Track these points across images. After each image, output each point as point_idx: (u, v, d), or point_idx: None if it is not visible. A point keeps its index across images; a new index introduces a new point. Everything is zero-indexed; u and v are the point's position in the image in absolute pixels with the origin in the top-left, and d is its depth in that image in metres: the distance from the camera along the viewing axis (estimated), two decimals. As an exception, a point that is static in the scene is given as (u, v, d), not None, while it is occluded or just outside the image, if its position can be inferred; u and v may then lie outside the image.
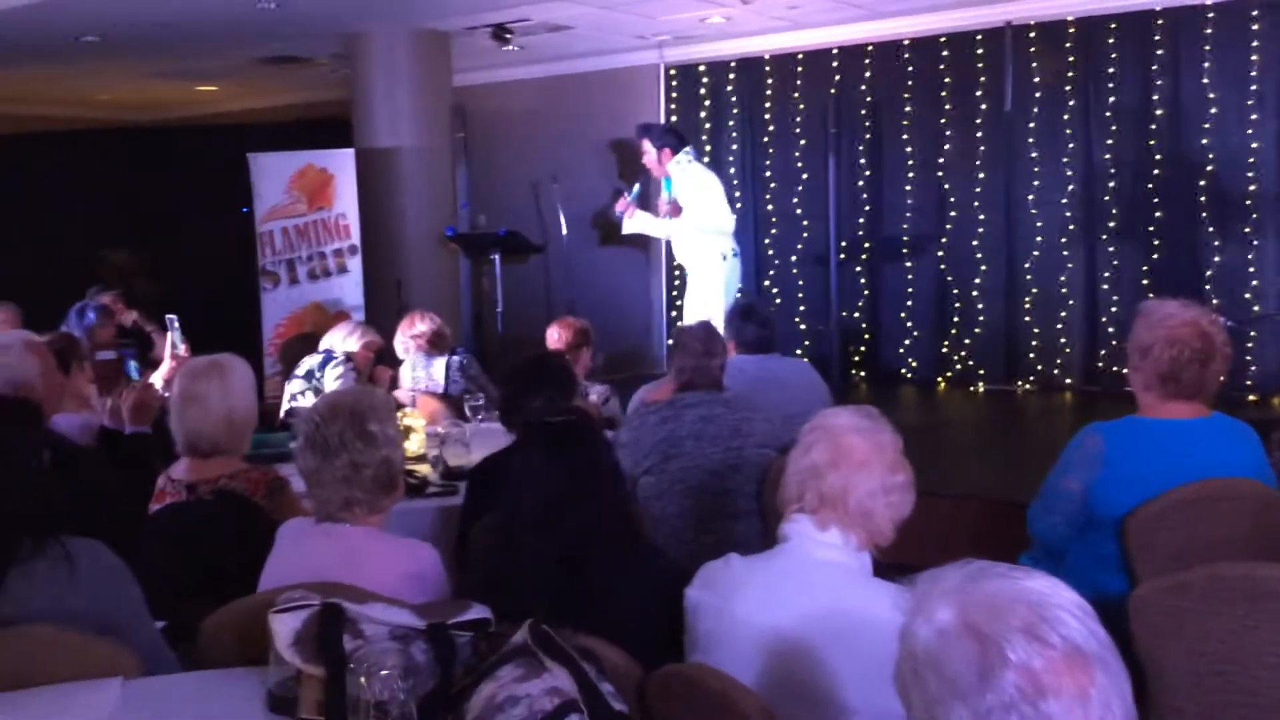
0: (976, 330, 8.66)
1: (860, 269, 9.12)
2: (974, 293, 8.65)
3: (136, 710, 2.10)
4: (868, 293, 9.13)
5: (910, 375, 8.96)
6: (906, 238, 8.93)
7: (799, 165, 9.30)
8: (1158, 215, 7.96)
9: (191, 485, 3.13)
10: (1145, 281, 7.97)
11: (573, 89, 10.22)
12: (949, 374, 8.78)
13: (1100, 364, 8.20)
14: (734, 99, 9.64)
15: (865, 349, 9.16)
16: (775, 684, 2.11)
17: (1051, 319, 8.36)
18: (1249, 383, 7.51)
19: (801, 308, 9.34)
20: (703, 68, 9.73)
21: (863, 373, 9.16)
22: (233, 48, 9.18)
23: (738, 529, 3.73)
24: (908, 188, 8.90)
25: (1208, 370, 3.01)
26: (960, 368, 8.73)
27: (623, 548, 2.48)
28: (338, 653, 1.96)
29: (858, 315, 9.13)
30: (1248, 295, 7.66)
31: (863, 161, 9.06)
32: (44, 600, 2.23)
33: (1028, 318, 8.45)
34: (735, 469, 3.77)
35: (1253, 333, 7.55)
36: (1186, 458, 2.99)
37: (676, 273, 9.29)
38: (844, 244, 8.96)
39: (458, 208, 9.59)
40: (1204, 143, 7.76)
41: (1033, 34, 8.24)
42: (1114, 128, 8.08)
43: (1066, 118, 8.20)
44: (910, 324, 8.96)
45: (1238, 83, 7.63)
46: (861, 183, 9.06)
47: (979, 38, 8.46)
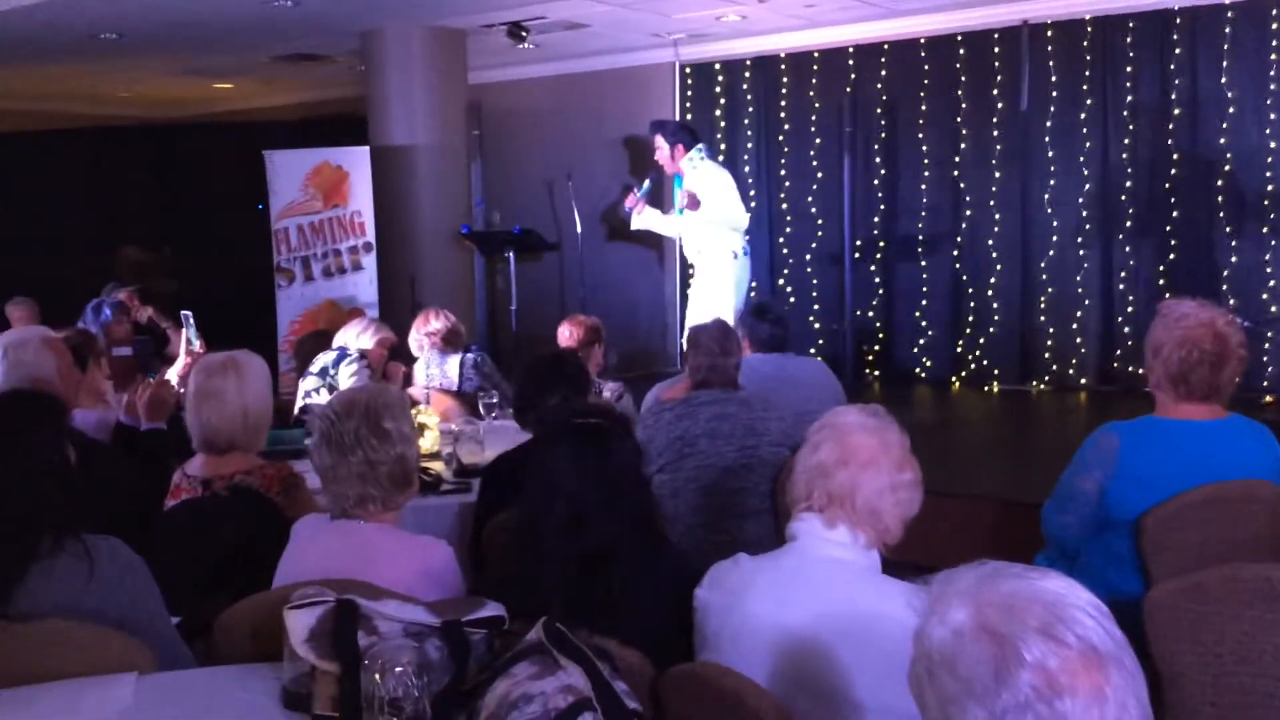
0: (991, 330, 8.63)
1: (875, 268, 9.10)
2: (989, 292, 8.62)
3: (151, 705, 2.11)
4: (882, 292, 9.11)
5: (925, 375, 8.94)
6: (922, 237, 8.91)
7: (814, 164, 9.29)
8: (1174, 215, 7.93)
9: (207, 481, 3.14)
10: (1161, 281, 7.94)
11: (588, 87, 10.22)
12: (963, 373, 8.75)
13: (1115, 364, 8.17)
14: (749, 97, 9.62)
15: (879, 348, 9.14)
16: (786, 682, 2.11)
17: (1067, 318, 8.32)
18: (1265, 383, 7.46)
19: (816, 306, 9.33)
20: (718, 66, 9.72)
21: (877, 372, 9.14)
22: (249, 45, 9.21)
23: (750, 528, 3.72)
24: (923, 186, 8.88)
25: (1221, 372, 2.99)
26: (975, 367, 8.70)
27: (646, 552, 2.46)
28: (352, 649, 1.97)
29: (872, 314, 9.11)
30: (1265, 295, 7.62)
31: (878, 160, 9.04)
32: (62, 596, 2.24)
33: (1043, 317, 8.42)
34: (749, 468, 3.76)
35: (1269, 333, 7.50)
36: (1203, 458, 2.98)
37: (691, 270, 9.29)
38: (859, 243, 8.95)
39: (472, 205, 9.61)
40: (1221, 142, 7.72)
41: (1050, 33, 8.22)
42: (1131, 127, 8.05)
43: (1083, 117, 8.16)
44: (925, 323, 8.93)
45: (1256, 82, 7.59)
46: (877, 181, 9.04)
47: (996, 36, 8.44)
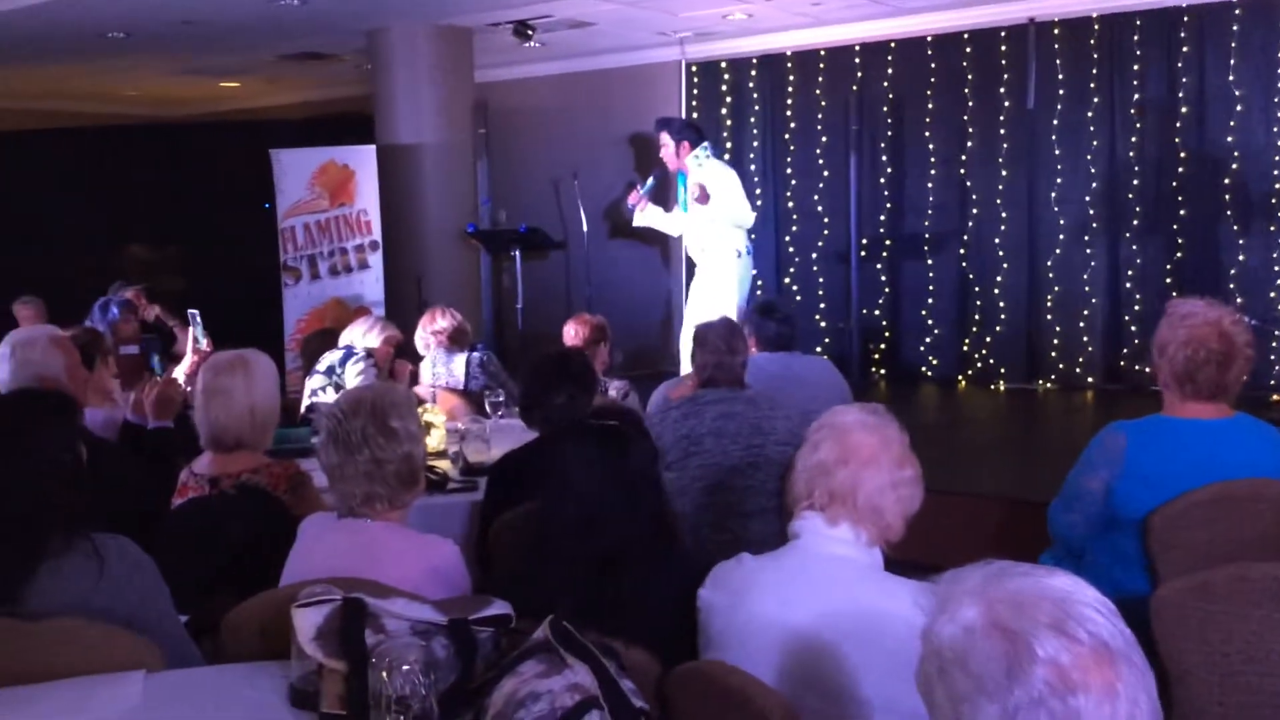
0: (998, 328, 8.62)
1: (881, 266, 9.09)
2: (995, 290, 8.61)
3: (160, 703, 2.11)
4: (888, 290, 9.10)
5: (931, 373, 8.93)
6: (928, 235, 8.90)
7: (820, 162, 9.28)
8: (1181, 213, 7.91)
9: (214, 480, 3.15)
10: (1168, 280, 7.93)
11: (594, 85, 10.22)
12: (970, 372, 8.75)
13: (1122, 362, 8.16)
14: (755, 95, 9.62)
15: (886, 347, 9.13)
16: (792, 681, 2.11)
17: (1073, 317, 8.31)
18: (1272, 382, 7.45)
19: (822, 305, 9.33)
20: (724, 64, 9.71)
21: (883, 370, 9.13)
22: (256, 44, 9.22)
23: (756, 527, 3.71)
24: (929, 185, 8.87)
25: (1227, 371, 2.99)
26: (981, 366, 8.69)
27: (659, 555, 2.46)
28: (360, 647, 1.97)
29: (878, 313, 9.10)
30: (1272, 294, 7.60)
31: (884, 158, 9.03)
32: (72, 595, 2.25)
33: (1049, 316, 8.41)
34: (755, 467, 3.76)
35: (1277, 332, 7.48)
36: (1210, 458, 2.97)
37: (693, 269, 9.28)
38: (865, 241, 8.93)
39: (478, 204, 9.60)
40: (1229, 140, 7.70)
41: (1056, 30, 8.21)
42: (1138, 125, 8.04)
43: (1090, 115, 8.15)
44: (931, 322, 8.92)
45: (1263, 79, 7.58)
46: (883, 180, 9.04)
47: (1002, 34, 8.42)
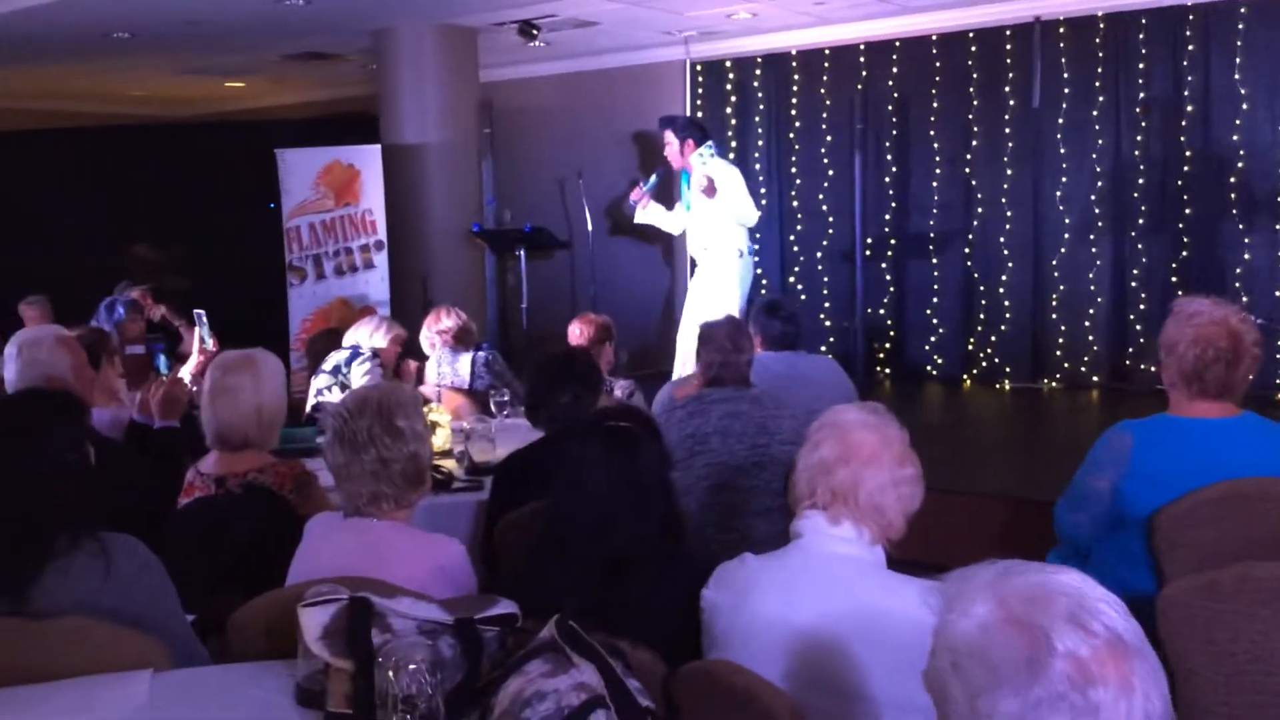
0: (1003, 327, 8.61)
1: (886, 265, 9.09)
2: (1000, 289, 8.60)
3: (166, 702, 2.12)
4: (893, 289, 9.10)
5: (935, 372, 8.92)
6: (933, 234, 8.89)
7: (825, 161, 9.28)
8: (1187, 211, 7.90)
9: (220, 479, 3.15)
10: (1174, 278, 7.91)
11: (599, 85, 10.22)
12: (974, 371, 8.74)
13: (1128, 361, 8.15)
14: (760, 95, 9.62)
15: (890, 346, 9.12)
16: (798, 679, 2.11)
17: (1079, 316, 8.30)
18: (1278, 381, 7.42)
19: (827, 304, 9.32)
20: (729, 63, 9.71)
21: (888, 369, 9.12)
22: (261, 44, 9.23)
23: (761, 526, 3.71)
24: (934, 184, 8.86)
25: (1235, 370, 2.99)
26: (986, 365, 8.69)
27: (669, 558, 2.46)
28: (366, 647, 1.97)
29: (883, 312, 9.09)
30: (1277, 292, 7.58)
31: (889, 157, 9.02)
32: (79, 594, 2.25)
33: (1054, 315, 8.40)
34: (761, 466, 3.76)
35: (1282, 330, 7.48)
36: (1216, 457, 2.97)
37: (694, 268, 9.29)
38: (870, 240, 8.92)
39: (484, 203, 9.61)
40: (1234, 138, 7.69)
41: (1062, 29, 8.20)
42: (1143, 123, 8.02)
43: (1095, 113, 8.14)
44: (936, 321, 8.92)
45: (1269, 78, 7.56)
46: (888, 178, 9.03)
47: (1008, 33, 8.42)
